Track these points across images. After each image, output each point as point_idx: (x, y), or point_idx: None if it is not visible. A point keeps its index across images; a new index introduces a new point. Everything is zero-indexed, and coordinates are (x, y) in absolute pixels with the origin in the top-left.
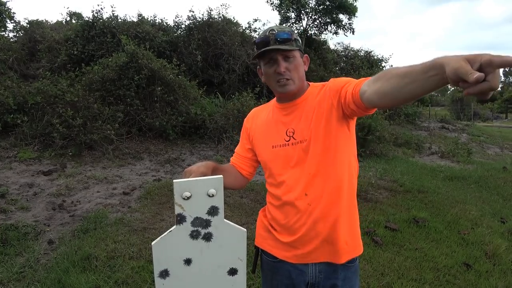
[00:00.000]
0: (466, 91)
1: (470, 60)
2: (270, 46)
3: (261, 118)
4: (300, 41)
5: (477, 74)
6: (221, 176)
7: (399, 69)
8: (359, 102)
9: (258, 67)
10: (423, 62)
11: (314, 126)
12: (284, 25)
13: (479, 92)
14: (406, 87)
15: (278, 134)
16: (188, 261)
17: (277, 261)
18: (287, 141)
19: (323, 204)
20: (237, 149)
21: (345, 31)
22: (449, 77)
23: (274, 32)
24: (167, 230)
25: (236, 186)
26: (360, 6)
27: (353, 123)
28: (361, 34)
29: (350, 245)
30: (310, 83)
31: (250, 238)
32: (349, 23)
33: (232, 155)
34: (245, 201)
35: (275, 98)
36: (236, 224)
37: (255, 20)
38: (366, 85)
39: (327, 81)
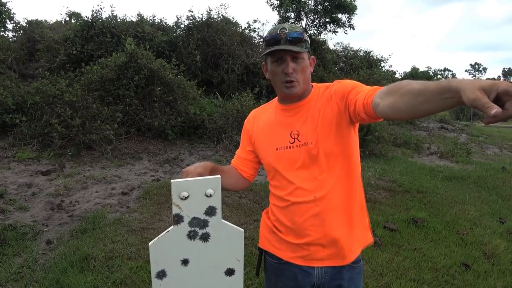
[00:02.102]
0: (486, 120)
1: (485, 89)
2: (280, 45)
3: (262, 119)
4: (309, 42)
5: (495, 110)
6: (219, 176)
7: (413, 85)
8: (371, 113)
9: (263, 62)
10: (437, 82)
11: (320, 130)
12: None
13: (497, 121)
14: (421, 105)
15: (282, 136)
16: (185, 262)
17: (282, 263)
18: (292, 143)
19: (332, 207)
20: (238, 151)
21: (345, 28)
22: (467, 104)
23: (286, 31)
24: (165, 230)
25: (237, 187)
26: (361, 5)
27: (357, 126)
28: (362, 34)
29: (361, 242)
30: (313, 84)
31: (249, 238)
32: (348, 21)
33: (231, 155)
34: (244, 201)
35: (276, 98)
36: (235, 224)
37: (255, 21)
38: (379, 97)
39: (327, 81)
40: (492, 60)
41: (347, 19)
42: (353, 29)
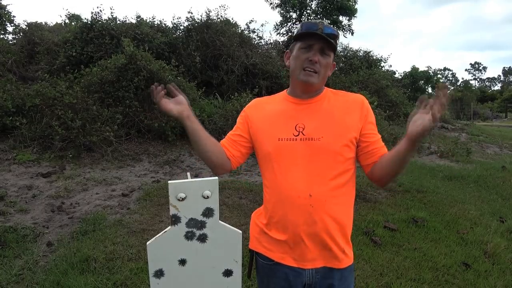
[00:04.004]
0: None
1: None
2: (317, 32)
3: (267, 109)
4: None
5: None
6: (216, 178)
7: None
8: (365, 170)
9: (287, 50)
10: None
11: (332, 129)
12: (285, 25)
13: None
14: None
15: (286, 127)
16: (183, 262)
17: (273, 264)
18: (296, 135)
19: (327, 208)
20: (229, 132)
21: (345, 32)
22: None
23: (324, 24)
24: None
25: (217, 161)
26: (363, 7)
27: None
28: (363, 35)
29: (347, 254)
30: (324, 87)
31: (248, 239)
32: (349, 25)
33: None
34: (243, 202)
35: (285, 91)
36: (234, 225)
37: (251, 22)
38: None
39: (326, 81)
40: (492, 59)
41: (348, 21)
42: (352, 34)
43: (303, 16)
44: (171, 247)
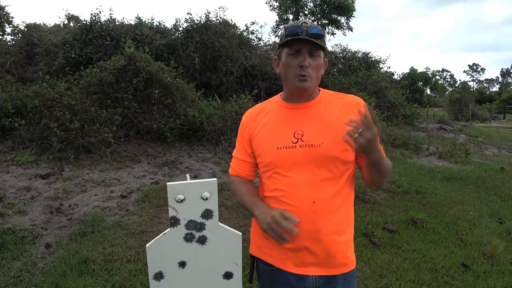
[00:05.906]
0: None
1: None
2: (302, 37)
3: (263, 120)
4: (326, 43)
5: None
6: (215, 179)
7: None
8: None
9: (275, 57)
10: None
11: (332, 134)
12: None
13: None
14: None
15: (284, 135)
16: (182, 264)
17: (274, 269)
18: (295, 143)
19: (330, 215)
20: (237, 154)
21: (343, 30)
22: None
23: (307, 25)
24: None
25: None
26: (364, 7)
27: None
28: (364, 36)
29: (350, 258)
30: (318, 88)
31: (248, 241)
32: (347, 23)
33: (230, 157)
34: None
35: (278, 96)
36: (233, 226)
37: (253, 23)
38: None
39: (325, 82)
40: (492, 61)
41: (346, 20)
42: (351, 31)
43: (299, 17)
44: (171, 249)
